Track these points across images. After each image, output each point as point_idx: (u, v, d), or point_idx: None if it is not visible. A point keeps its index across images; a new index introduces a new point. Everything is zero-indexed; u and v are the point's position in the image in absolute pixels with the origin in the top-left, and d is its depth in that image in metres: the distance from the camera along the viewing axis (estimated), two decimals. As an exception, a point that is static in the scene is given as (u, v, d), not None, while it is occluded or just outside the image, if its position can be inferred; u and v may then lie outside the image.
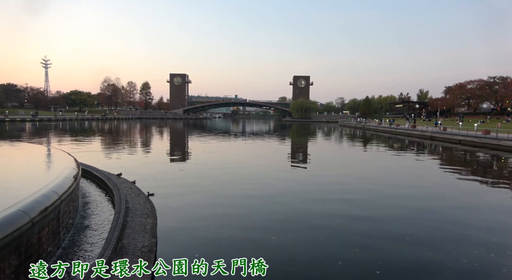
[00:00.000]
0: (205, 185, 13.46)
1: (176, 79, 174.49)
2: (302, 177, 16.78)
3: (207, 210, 9.77)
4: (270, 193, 12.35)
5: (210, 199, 11.04)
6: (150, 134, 49.09)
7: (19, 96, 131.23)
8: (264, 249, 6.98)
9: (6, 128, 53.63)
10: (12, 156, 12.36)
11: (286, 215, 9.58)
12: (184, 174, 16.58)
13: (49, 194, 5.69)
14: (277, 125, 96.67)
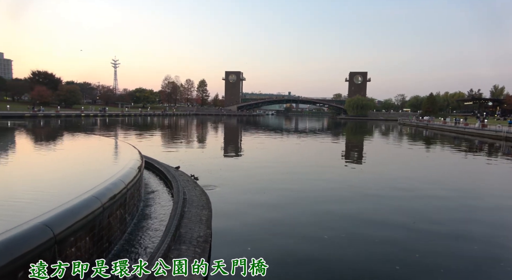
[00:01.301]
0: (257, 180, 13.63)
1: (231, 76, 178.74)
2: (356, 176, 16.15)
3: (260, 205, 9.88)
4: (323, 191, 12.10)
5: (263, 195, 11.15)
6: (205, 130, 51.05)
7: (92, 93, 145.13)
8: (314, 246, 6.87)
9: (82, 122, 59.67)
10: (86, 147, 13.73)
11: (337, 215, 9.31)
12: (237, 169, 16.95)
13: (117, 182, 6.18)
14: (331, 123, 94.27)
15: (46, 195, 5.46)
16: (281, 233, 7.57)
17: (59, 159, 10.84)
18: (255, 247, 6.64)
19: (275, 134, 44.66)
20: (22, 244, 3.35)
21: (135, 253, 5.50)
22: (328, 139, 39.58)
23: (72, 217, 4.29)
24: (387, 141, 40.57)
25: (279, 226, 8.10)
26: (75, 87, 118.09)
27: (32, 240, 3.49)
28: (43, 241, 3.60)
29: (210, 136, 40.61)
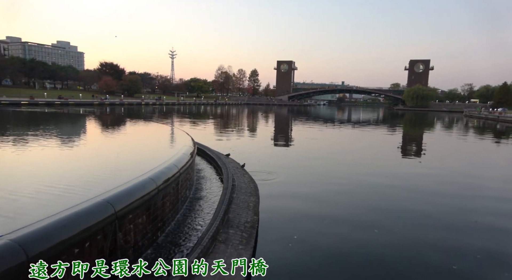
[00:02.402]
0: (306, 171, 13.50)
1: (282, 66, 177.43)
2: (412, 171, 15.21)
3: (308, 196, 9.80)
4: (375, 184, 11.61)
5: (311, 185, 11.04)
6: (256, 120, 51.58)
7: (151, 83, 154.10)
8: (362, 240, 6.65)
9: (142, 110, 63.83)
10: (144, 133, 14.69)
11: (385, 208, 8.89)
12: (287, 158, 16.93)
13: (171, 167, 6.53)
14: (387, 114, 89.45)
15: (109, 174, 5.96)
16: (328, 225, 7.45)
17: (121, 143, 11.75)
18: (301, 236, 6.64)
19: (327, 125, 43.63)
20: (89, 217, 3.72)
21: (186, 233, 5.81)
22: (384, 131, 37.66)
23: (131, 196, 4.65)
24: (449, 134, 37.46)
25: (327, 218, 7.97)
26: (136, 77, 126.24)
27: (97, 215, 3.86)
28: (106, 216, 3.96)
29: (260, 126, 40.97)
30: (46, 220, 3.31)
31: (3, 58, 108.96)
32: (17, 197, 4.46)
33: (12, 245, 2.88)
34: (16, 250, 2.86)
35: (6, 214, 3.79)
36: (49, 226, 3.24)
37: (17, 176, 5.89)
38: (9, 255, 2.80)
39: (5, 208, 4.02)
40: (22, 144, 9.69)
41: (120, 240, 4.33)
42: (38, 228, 3.14)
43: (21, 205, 4.15)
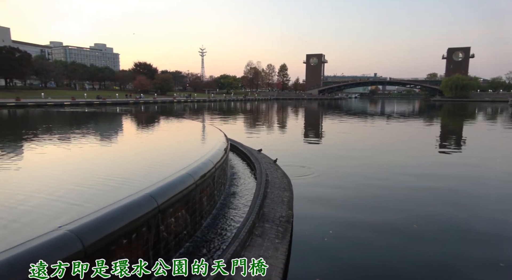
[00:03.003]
0: (339, 166, 13.32)
1: (312, 59, 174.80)
2: (450, 167, 14.51)
3: (340, 191, 9.69)
4: (411, 180, 11.23)
5: (345, 180, 10.89)
6: (286, 115, 51.35)
7: (183, 81, 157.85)
8: (394, 234, 6.50)
9: (174, 108, 65.65)
10: (179, 130, 15.16)
11: (427, 206, 8.58)
12: (318, 153, 16.78)
13: (207, 162, 6.74)
14: (424, 106, 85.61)
15: (150, 170, 6.25)
16: (364, 221, 7.34)
17: (158, 140, 12.22)
18: (336, 231, 6.60)
19: (359, 118, 42.56)
20: (135, 210, 3.96)
21: (223, 227, 5.99)
22: (420, 123, 36.12)
23: (171, 191, 4.87)
24: (493, 126, 35.22)
25: (363, 213, 7.85)
26: (168, 76, 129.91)
27: (142, 208, 4.09)
28: (150, 209, 4.19)
29: (290, 121, 40.76)
30: (99, 212, 3.57)
31: (48, 62, 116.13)
32: (85, 189, 4.79)
33: (70, 235, 3.14)
34: (73, 240, 3.13)
35: (81, 203, 4.09)
36: (102, 217, 3.49)
37: (77, 170, 6.33)
38: (68, 245, 3.06)
39: (78, 197, 4.34)
40: (73, 142, 10.37)
41: (163, 232, 4.56)
42: (92, 219, 3.40)
43: (90, 196, 4.45)
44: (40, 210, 3.96)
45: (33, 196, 4.52)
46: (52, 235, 3.10)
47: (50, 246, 2.97)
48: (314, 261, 5.39)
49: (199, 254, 4.91)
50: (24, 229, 3.43)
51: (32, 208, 4.04)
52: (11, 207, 4.08)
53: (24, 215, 3.79)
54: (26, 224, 3.56)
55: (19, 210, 3.97)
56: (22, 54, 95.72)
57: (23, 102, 56.17)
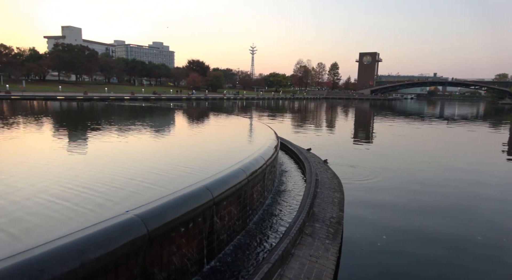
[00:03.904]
0: (393, 169, 12.69)
1: (365, 58, 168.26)
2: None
3: (395, 195, 9.23)
4: (472, 188, 10.33)
5: (399, 184, 10.36)
6: (335, 114, 50.10)
7: (233, 78, 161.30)
8: (453, 246, 6.02)
9: (224, 104, 67.34)
10: (230, 126, 15.52)
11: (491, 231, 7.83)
12: (369, 155, 16.15)
13: (259, 159, 6.81)
14: (490, 109, 78.24)
15: (204, 164, 6.48)
16: (421, 230, 6.91)
17: (211, 135, 12.64)
18: (390, 237, 6.31)
19: (415, 120, 40.12)
20: (192, 201, 4.14)
21: (272, 223, 6.03)
22: (485, 128, 33.06)
23: (225, 185, 5.00)
24: None
25: (419, 222, 7.41)
26: (219, 73, 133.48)
27: (198, 199, 4.27)
28: (206, 200, 4.35)
29: (340, 121, 39.70)
30: (161, 200, 3.80)
31: (111, 60, 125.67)
32: (152, 177, 5.15)
33: (135, 220, 3.38)
34: (138, 224, 3.36)
35: (143, 192, 4.42)
36: (164, 205, 3.71)
37: (142, 160, 6.81)
38: (134, 228, 3.29)
39: (142, 186, 4.68)
40: (135, 134, 11.14)
41: (216, 224, 4.72)
42: (156, 206, 3.62)
43: (153, 184, 4.78)
44: (107, 196, 4.31)
45: (99, 183, 4.93)
46: (119, 218, 3.35)
47: (118, 228, 3.22)
48: (366, 265, 5.22)
49: (250, 248, 5.00)
50: (98, 210, 3.76)
51: (101, 193, 4.41)
52: (91, 188, 4.49)
53: (96, 198, 4.15)
54: (100, 205, 3.90)
55: (94, 192, 4.35)
56: (91, 52, 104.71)
57: (90, 96, 61.46)
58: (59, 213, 3.63)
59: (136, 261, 3.30)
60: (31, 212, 3.65)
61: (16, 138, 9.82)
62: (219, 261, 4.59)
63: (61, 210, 3.71)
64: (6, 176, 5.27)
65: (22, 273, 2.31)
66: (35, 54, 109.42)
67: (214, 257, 4.63)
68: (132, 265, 3.26)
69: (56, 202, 3.94)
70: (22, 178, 5.13)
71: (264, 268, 3.72)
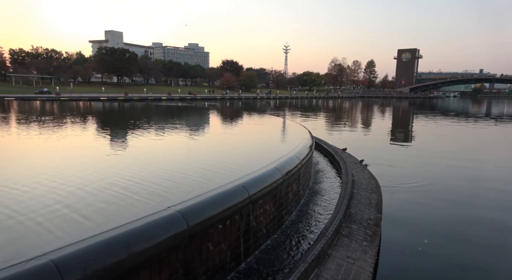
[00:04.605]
0: (433, 171, 12.09)
1: (404, 55, 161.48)
2: None
3: (438, 198, 8.80)
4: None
5: (441, 187, 9.86)
6: (371, 113, 48.58)
7: (266, 78, 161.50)
8: (495, 255, 5.61)
9: (257, 104, 67.70)
10: (264, 126, 15.58)
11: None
12: (408, 156, 15.51)
13: (294, 158, 6.79)
14: (545, 108, 71.92)
15: (240, 162, 6.58)
16: (466, 236, 6.54)
17: (245, 134, 12.78)
18: (432, 242, 6.03)
19: (459, 119, 37.90)
20: (230, 199, 4.23)
21: (308, 223, 5.99)
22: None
23: (261, 183, 5.05)
24: None
25: (463, 227, 7.02)
26: (253, 73, 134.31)
27: (235, 197, 4.35)
28: (243, 198, 4.42)
29: (376, 120, 38.44)
30: (201, 197, 3.92)
31: (150, 61, 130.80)
32: (191, 173, 5.35)
33: (177, 215, 3.51)
34: (179, 220, 3.49)
35: (182, 189, 4.60)
36: (203, 202, 3.82)
37: (184, 157, 7.07)
38: (176, 223, 3.43)
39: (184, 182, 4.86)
40: (175, 132, 11.55)
41: (252, 222, 4.78)
42: (196, 203, 3.75)
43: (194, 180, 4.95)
44: (151, 190, 4.51)
45: (139, 178, 5.17)
46: (162, 213, 3.51)
47: (161, 223, 3.36)
48: (406, 270, 5.04)
49: (285, 247, 5.01)
50: (140, 204, 3.95)
51: (144, 187, 4.63)
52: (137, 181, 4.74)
53: (141, 192, 4.35)
54: (145, 199, 4.09)
55: (139, 187, 4.57)
56: (131, 54, 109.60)
57: (130, 97, 64.42)
58: (129, 204, 3.91)
59: (178, 255, 3.43)
60: (106, 201, 3.98)
61: (76, 136, 10.57)
62: (255, 259, 4.65)
63: (127, 200, 3.97)
64: (81, 170, 5.72)
65: (78, 262, 2.50)
66: (81, 57, 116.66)
67: (250, 254, 4.69)
68: (174, 258, 3.40)
69: (125, 194, 4.22)
70: (93, 172, 5.57)
71: (301, 268, 3.71)
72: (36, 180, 5.01)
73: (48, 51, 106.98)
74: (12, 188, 4.54)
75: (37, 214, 3.52)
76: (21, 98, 48.77)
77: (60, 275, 2.36)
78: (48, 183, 4.77)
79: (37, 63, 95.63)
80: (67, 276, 2.38)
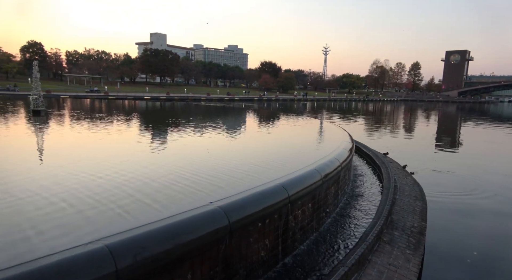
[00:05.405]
0: (482, 179, 11.27)
1: (453, 56, 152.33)
2: None
3: (487, 211, 8.20)
4: None
5: (491, 197, 9.17)
6: (414, 118, 46.35)
7: (304, 80, 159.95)
8: None
9: (294, 106, 67.25)
10: (302, 127, 15.46)
11: None
12: (455, 163, 14.60)
13: (333, 160, 6.68)
14: None
15: (279, 162, 6.59)
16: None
17: (284, 135, 12.76)
18: (483, 255, 5.64)
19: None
20: (269, 198, 4.26)
21: (346, 227, 5.86)
22: None
23: (300, 184, 5.03)
24: None
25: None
26: (291, 74, 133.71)
27: (275, 196, 4.37)
28: (282, 198, 4.43)
29: (420, 124, 36.61)
30: (241, 194, 3.99)
31: (191, 63, 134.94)
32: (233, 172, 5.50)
33: (219, 211, 3.60)
34: (221, 215, 3.58)
35: (223, 186, 4.75)
36: (244, 199, 3.89)
37: (224, 156, 7.26)
38: (218, 218, 3.52)
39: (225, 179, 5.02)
40: (214, 132, 11.85)
41: (291, 222, 4.77)
42: (237, 200, 3.82)
43: (238, 179, 5.09)
44: (195, 187, 4.67)
45: (187, 173, 5.36)
46: (205, 208, 3.62)
47: (205, 217, 3.47)
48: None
49: (323, 250, 4.95)
50: (185, 199, 4.11)
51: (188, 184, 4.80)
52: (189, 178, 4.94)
53: (182, 190, 4.53)
54: (188, 194, 4.25)
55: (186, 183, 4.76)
56: (173, 56, 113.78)
57: (171, 97, 66.92)
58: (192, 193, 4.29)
59: (219, 249, 3.52)
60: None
61: (133, 133, 11.22)
62: (292, 259, 4.64)
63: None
64: (150, 164, 6.21)
65: (129, 248, 2.66)
66: (128, 59, 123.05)
67: (288, 254, 4.69)
68: (215, 252, 3.49)
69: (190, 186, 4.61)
70: (160, 166, 6.00)
71: (340, 271, 3.65)
72: (107, 172, 5.38)
73: (99, 52, 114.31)
74: (91, 175, 4.99)
75: (117, 198, 3.99)
76: (74, 96, 52.50)
77: (114, 260, 2.53)
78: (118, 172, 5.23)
79: (89, 64, 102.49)
80: (120, 262, 2.54)
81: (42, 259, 2.38)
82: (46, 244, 2.78)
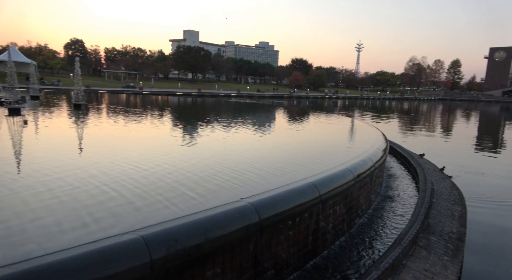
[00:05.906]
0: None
1: (497, 54, 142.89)
2: None
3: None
4: None
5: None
6: (453, 118, 44.02)
7: (336, 77, 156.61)
8: None
9: (325, 103, 66.11)
10: (334, 125, 15.16)
11: None
12: (498, 166, 13.70)
13: (366, 160, 6.48)
14: None
15: (311, 161, 6.49)
16: None
17: (316, 133, 12.57)
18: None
19: None
20: (300, 196, 4.19)
21: (378, 230, 5.67)
22: None
23: (332, 183, 4.92)
24: None
25: None
26: (322, 72, 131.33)
27: (306, 195, 4.30)
28: (313, 197, 4.35)
29: (458, 125, 34.73)
30: (272, 192, 3.97)
31: (222, 59, 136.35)
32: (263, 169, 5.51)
33: (249, 207, 3.60)
34: (252, 211, 3.57)
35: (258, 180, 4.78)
36: (274, 197, 3.86)
37: (255, 154, 7.30)
38: (248, 215, 3.52)
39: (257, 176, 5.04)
40: (246, 128, 11.92)
41: (322, 221, 4.69)
42: (268, 197, 3.80)
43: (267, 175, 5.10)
44: (228, 183, 4.71)
45: (219, 170, 5.42)
46: (235, 204, 3.62)
47: (235, 213, 3.48)
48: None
49: (354, 252, 4.82)
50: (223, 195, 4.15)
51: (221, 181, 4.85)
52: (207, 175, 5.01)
53: (216, 187, 4.58)
54: (229, 189, 4.30)
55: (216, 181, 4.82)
56: (205, 52, 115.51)
57: (202, 93, 68.05)
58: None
59: (249, 246, 3.52)
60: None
61: (171, 128, 11.57)
62: (322, 260, 4.56)
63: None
64: (190, 159, 6.43)
65: (163, 240, 2.71)
66: (162, 55, 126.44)
67: (318, 254, 4.61)
68: (245, 249, 3.49)
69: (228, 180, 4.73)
70: (198, 161, 6.15)
71: (373, 274, 3.53)
72: (152, 164, 5.59)
73: (135, 49, 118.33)
74: (133, 166, 5.31)
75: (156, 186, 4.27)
76: (111, 91, 54.83)
77: (148, 251, 2.59)
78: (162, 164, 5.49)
79: (125, 60, 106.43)
80: (154, 253, 2.60)
81: (84, 245, 2.49)
82: (104, 232, 2.88)
